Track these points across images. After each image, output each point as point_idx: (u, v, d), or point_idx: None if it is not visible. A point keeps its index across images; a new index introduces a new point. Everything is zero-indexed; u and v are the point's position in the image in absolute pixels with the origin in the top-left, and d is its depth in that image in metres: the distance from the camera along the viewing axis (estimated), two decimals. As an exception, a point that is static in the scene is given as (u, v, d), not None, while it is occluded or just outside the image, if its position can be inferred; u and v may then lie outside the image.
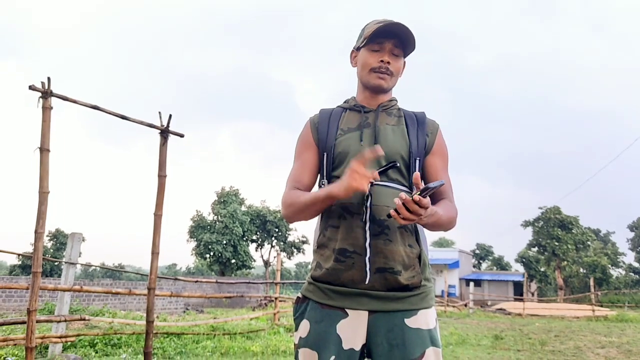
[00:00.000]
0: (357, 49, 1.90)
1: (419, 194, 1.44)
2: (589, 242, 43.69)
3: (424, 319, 1.67)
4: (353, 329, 1.64)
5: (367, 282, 1.63)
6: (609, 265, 46.40)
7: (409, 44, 1.81)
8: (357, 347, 1.64)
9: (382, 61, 1.80)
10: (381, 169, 1.70)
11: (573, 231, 41.59)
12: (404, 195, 1.46)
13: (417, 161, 1.78)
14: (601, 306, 26.28)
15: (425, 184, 1.80)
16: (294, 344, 1.75)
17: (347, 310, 1.65)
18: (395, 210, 1.49)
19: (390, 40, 1.80)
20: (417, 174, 1.51)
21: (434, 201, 1.80)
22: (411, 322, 1.64)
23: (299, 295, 1.80)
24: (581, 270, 46.84)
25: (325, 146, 1.81)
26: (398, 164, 1.73)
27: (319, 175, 1.85)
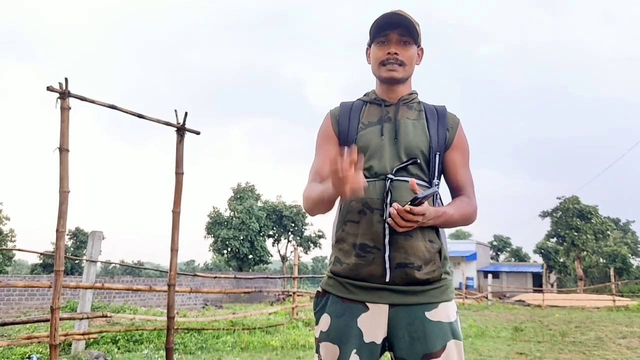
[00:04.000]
0: (369, 45, 1.92)
1: (409, 204, 1.48)
2: (608, 232, 43.11)
3: (445, 312, 1.67)
4: (374, 322, 1.65)
5: (387, 279, 1.63)
6: (629, 255, 45.75)
7: (412, 30, 1.80)
8: (378, 341, 1.64)
9: (389, 53, 1.80)
10: (401, 165, 1.71)
11: (592, 221, 41.09)
12: (397, 205, 1.51)
13: (437, 156, 1.78)
14: (622, 296, 26.00)
15: (445, 178, 1.83)
16: (315, 338, 1.76)
17: (368, 304, 1.66)
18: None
19: (395, 31, 1.80)
20: (412, 181, 1.55)
21: (453, 196, 1.83)
22: (432, 315, 1.64)
23: (319, 289, 1.81)
24: (601, 260, 46.30)
25: (347, 139, 1.81)
26: (419, 160, 1.73)
27: None
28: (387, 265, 1.63)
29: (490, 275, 27.31)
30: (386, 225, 1.64)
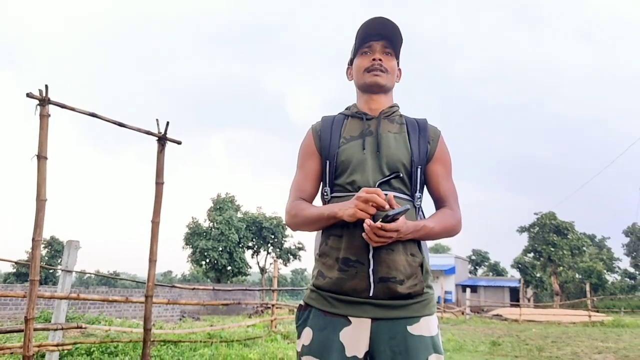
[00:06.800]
0: (351, 62, 1.95)
1: (381, 221, 1.51)
2: (584, 248, 43.72)
3: (426, 326, 1.67)
4: (356, 336, 1.64)
5: (371, 293, 1.63)
6: (605, 271, 46.40)
7: (395, 37, 1.84)
8: (360, 355, 1.64)
9: (373, 59, 1.84)
10: (384, 179, 1.72)
11: (568, 237, 41.67)
12: (369, 221, 1.53)
13: (419, 169, 1.79)
14: (597, 312, 26.30)
15: (428, 191, 1.84)
16: (297, 352, 1.74)
17: (350, 318, 1.65)
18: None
19: (379, 42, 1.85)
20: (390, 195, 1.57)
21: (437, 208, 1.84)
22: (414, 329, 1.64)
23: (302, 303, 1.80)
24: (577, 275, 46.87)
25: (328, 154, 1.82)
26: (401, 175, 1.74)
27: (321, 183, 1.86)
28: (372, 279, 1.63)
29: (468, 289, 27.43)
30: None
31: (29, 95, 3.96)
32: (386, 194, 1.62)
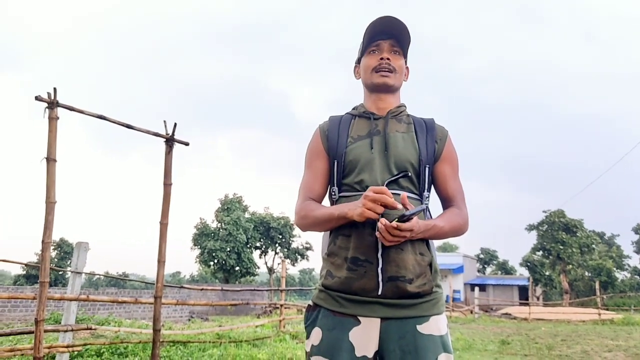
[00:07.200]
0: (358, 61, 1.95)
1: (397, 220, 1.51)
2: (593, 246, 43.52)
3: (436, 325, 1.67)
4: (365, 336, 1.64)
5: (380, 292, 1.63)
6: (614, 269, 46.14)
7: (403, 36, 1.84)
8: (370, 355, 1.63)
9: (381, 59, 1.83)
10: (392, 178, 1.72)
11: (577, 234, 41.51)
12: (384, 220, 1.52)
13: (427, 168, 1.79)
14: (607, 310, 26.16)
15: (435, 190, 1.84)
16: (306, 352, 1.74)
17: (359, 318, 1.65)
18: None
19: (386, 41, 1.84)
20: (404, 195, 1.58)
21: (444, 207, 1.84)
22: (423, 328, 1.64)
23: (310, 303, 1.80)
24: (586, 273, 46.66)
25: (336, 154, 1.82)
26: (410, 173, 1.74)
27: (329, 183, 1.86)
28: (380, 279, 1.63)
29: (477, 288, 27.33)
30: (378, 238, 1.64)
31: (37, 98, 3.98)
32: (399, 194, 1.63)
